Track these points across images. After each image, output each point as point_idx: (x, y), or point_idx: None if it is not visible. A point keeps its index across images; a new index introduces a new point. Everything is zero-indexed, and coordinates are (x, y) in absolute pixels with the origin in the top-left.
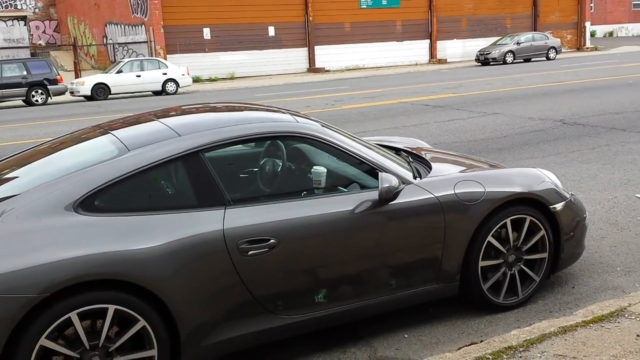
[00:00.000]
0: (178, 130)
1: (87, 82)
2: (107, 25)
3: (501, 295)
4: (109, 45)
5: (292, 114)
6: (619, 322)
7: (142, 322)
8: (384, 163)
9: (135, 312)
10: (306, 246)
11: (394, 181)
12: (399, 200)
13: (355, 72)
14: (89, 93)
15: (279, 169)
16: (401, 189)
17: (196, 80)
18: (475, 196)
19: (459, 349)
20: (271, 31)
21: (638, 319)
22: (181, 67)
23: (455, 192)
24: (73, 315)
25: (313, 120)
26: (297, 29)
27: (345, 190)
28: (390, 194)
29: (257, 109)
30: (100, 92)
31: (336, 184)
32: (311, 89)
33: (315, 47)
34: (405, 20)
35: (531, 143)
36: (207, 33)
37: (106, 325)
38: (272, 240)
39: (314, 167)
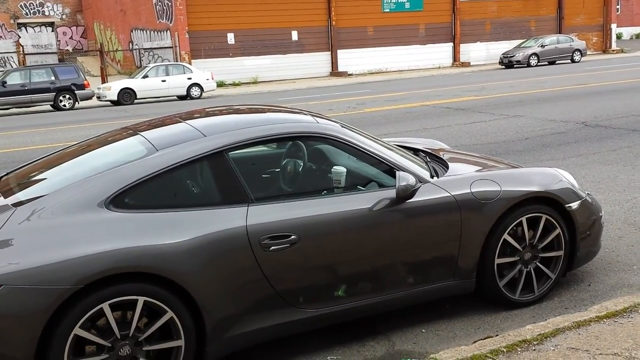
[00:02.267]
0: (203, 130)
1: (113, 87)
2: (133, 30)
3: (517, 292)
4: (134, 51)
5: (313, 115)
6: (632, 318)
7: (170, 314)
8: (402, 162)
9: (163, 304)
10: (326, 242)
11: (411, 180)
12: (416, 198)
13: (378, 76)
14: (115, 98)
15: (300, 169)
16: (418, 187)
17: (220, 84)
18: (491, 195)
19: (475, 342)
20: (294, 35)
21: None
22: (205, 72)
23: (472, 190)
24: (105, 306)
25: (333, 121)
26: (320, 33)
27: (364, 189)
28: (408, 192)
29: (279, 111)
30: (127, 96)
31: (355, 183)
32: (334, 92)
33: (338, 51)
34: (429, 23)
35: (552, 145)
36: (231, 38)
37: (136, 316)
38: (293, 237)
39: (334, 167)
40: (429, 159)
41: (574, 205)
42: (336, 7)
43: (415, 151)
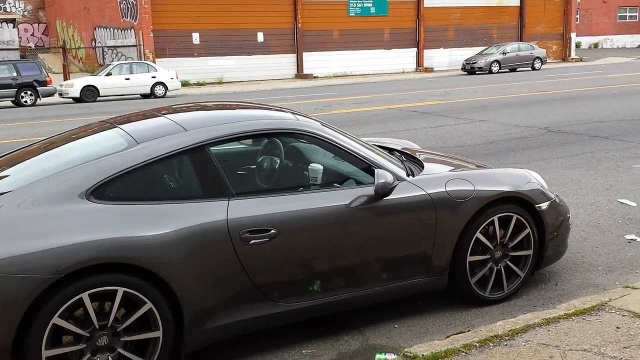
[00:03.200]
0: (184, 125)
1: (76, 84)
2: (97, 28)
3: (487, 290)
4: (97, 49)
5: (292, 113)
6: (599, 316)
7: (148, 305)
8: (380, 161)
9: (142, 295)
10: (304, 237)
11: (389, 177)
12: (393, 196)
13: (343, 79)
14: (77, 95)
15: (279, 165)
16: (396, 185)
17: (184, 84)
18: (465, 194)
19: (448, 337)
20: (260, 37)
21: (618, 312)
22: (170, 71)
23: (447, 189)
24: (85, 296)
25: (313, 119)
26: (286, 35)
27: (343, 185)
28: (386, 189)
29: (259, 108)
30: (89, 94)
31: (333, 180)
32: (300, 94)
33: (304, 54)
34: (393, 28)
35: (517, 149)
36: (196, 38)
37: (115, 306)
38: (272, 231)
39: (311, 164)
40: (404, 158)
41: (544, 205)
42: (302, 9)
43: (390, 150)
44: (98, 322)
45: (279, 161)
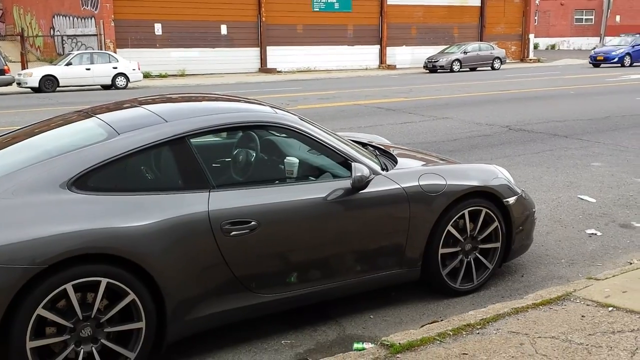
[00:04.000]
0: (164, 116)
1: (35, 74)
2: (55, 16)
3: (458, 281)
4: (56, 37)
5: (271, 106)
6: (565, 305)
7: (131, 296)
8: (356, 155)
9: (125, 286)
10: (283, 229)
11: (366, 171)
12: (369, 189)
13: (307, 74)
14: (36, 85)
15: (256, 157)
16: (372, 179)
17: (146, 75)
18: (438, 188)
19: (422, 326)
20: (223, 29)
21: (582, 302)
22: (132, 61)
23: (420, 183)
24: (68, 287)
25: (291, 113)
26: (250, 29)
27: (320, 179)
28: (363, 182)
29: (238, 100)
30: (49, 84)
31: (309, 173)
32: (264, 88)
33: (268, 48)
34: (357, 25)
35: (480, 146)
36: (158, 29)
37: (99, 297)
38: (252, 223)
39: (287, 157)
40: (377, 153)
41: (511, 200)
42: (266, 3)
43: (364, 145)
44: (82, 313)
45: (254, 154)
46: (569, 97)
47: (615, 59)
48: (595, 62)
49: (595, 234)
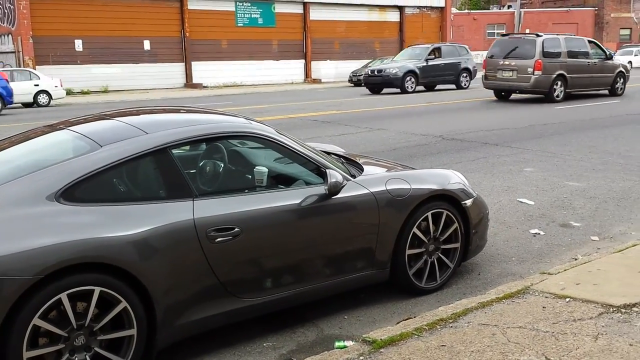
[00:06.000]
0: (144, 128)
1: None
2: None
3: (423, 280)
4: None
5: (246, 118)
6: (526, 298)
7: (123, 304)
8: (327, 163)
9: (117, 294)
10: (264, 234)
11: (339, 177)
12: (341, 194)
13: (233, 89)
14: None
15: (229, 166)
16: (345, 185)
17: (69, 92)
18: (404, 192)
19: (398, 322)
20: (147, 45)
21: (541, 295)
22: (54, 78)
23: (387, 188)
24: (63, 296)
25: (266, 124)
26: (174, 44)
27: (293, 186)
28: (337, 188)
29: (211, 112)
30: None
31: (281, 180)
32: (193, 103)
33: (193, 63)
34: (281, 40)
35: (418, 155)
36: (79, 45)
37: (92, 306)
38: (236, 229)
39: (256, 167)
40: (343, 161)
41: (468, 202)
42: (189, 18)
43: (328, 154)
44: (76, 322)
45: (223, 164)
46: (491, 108)
47: None
48: None
49: (539, 233)
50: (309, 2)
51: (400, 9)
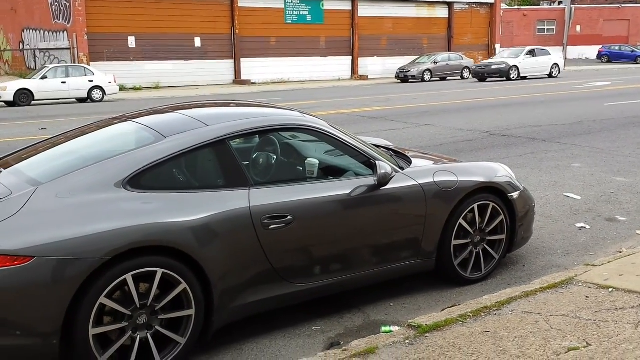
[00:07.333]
0: (204, 120)
1: (9, 88)
2: (25, 30)
3: (468, 271)
4: (25, 51)
5: (300, 112)
6: (569, 288)
7: (183, 285)
8: (377, 155)
9: (178, 276)
10: (316, 223)
11: (389, 169)
12: (390, 185)
13: (281, 85)
14: (11, 99)
15: (283, 157)
16: (394, 176)
17: (121, 88)
18: (451, 184)
19: (443, 310)
20: (197, 42)
21: (584, 285)
22: (108, 74)
23: (435, 180)
24: (128, 277)
25: (319, 118)
26: (224, 41)
27: (344, 177)
28: (387, 179)
29: (266, 106)
30: (24, 97)
31: (333, 172)
32: (243, 99)
33: (242, 60)
34: (329, 36)
35: (465, 151)
36: (132, 41)
37: (154, 286)
38: (289, 217)
39: (308, 159)
40: (392, 154)
41: (515, 195)
42: (239, 15)
43: (377, 147)
44: (139, 301)
45: (276, 156)
46: (540, 104)
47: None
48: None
49: (585, 227)
50: None
51: (449, 5)
